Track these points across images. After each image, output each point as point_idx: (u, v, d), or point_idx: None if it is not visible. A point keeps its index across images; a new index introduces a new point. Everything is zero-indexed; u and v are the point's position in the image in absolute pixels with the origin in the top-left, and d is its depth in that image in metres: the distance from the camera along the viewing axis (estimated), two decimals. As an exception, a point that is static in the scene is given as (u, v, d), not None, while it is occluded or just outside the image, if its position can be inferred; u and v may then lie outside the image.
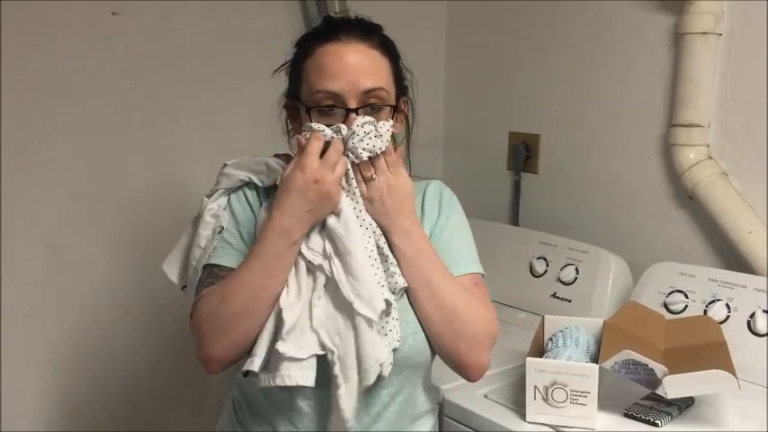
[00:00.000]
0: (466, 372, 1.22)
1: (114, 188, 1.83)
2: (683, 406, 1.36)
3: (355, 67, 1.16)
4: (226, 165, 1.29)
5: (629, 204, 1.96)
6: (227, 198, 1.26)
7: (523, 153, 2.18)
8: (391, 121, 1.19)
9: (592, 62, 2.01)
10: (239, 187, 1.26)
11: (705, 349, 1.37)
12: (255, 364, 1.10)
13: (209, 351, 1.14)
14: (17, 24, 1.64)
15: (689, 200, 1.81)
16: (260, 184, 1.26)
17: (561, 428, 1.30)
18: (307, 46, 1.19)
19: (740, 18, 1.70)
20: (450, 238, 1.28)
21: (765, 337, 1.51)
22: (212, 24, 1.90)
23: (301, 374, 1.10)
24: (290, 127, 1.29)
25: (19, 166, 1.69)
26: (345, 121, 1.16)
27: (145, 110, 1.83)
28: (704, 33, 1.72)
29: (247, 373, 1.12)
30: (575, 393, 1.29)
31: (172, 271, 1.31)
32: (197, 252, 1.24)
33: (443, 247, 1.25)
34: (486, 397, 1.44)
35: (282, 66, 1.25)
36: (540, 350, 1.46)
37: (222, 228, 1.23)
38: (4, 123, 1.66)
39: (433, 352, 1.22)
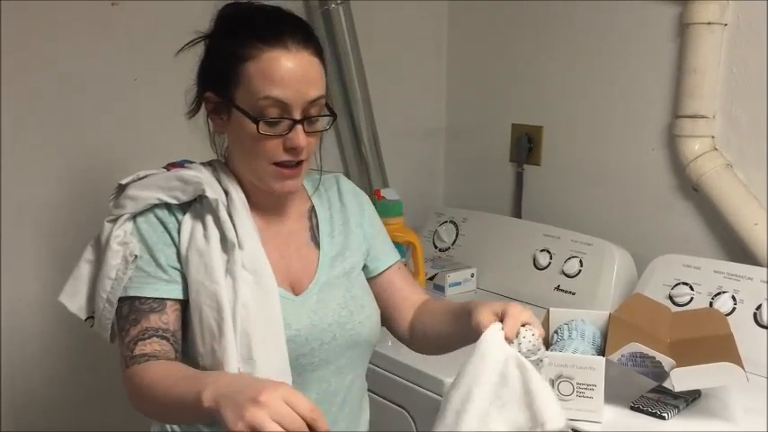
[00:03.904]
0: None
1: (115, 180, 1.81)
2: (690, 399, 1.35)
3: (303, 76, 1.13)
4: (122, 185, 1.20)
5: (633, 196, 1.95)
6: (132, 222, 1.17)
7: (526, 145, 2.17)
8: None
9: (595, 53, 1.99)
10: (146, 209, 1.17)
11: (712, 342, 1.36)
12: None
13: (142, 412, 1.13)
14: (16, 15, 1.62)
15: (694, 191, 1.80)
16: (175, 202, 1.17)
17: (567, 421, 1.29)
18: (249, 46, 1.13)
19: (745, 8, 1.69)
20: (379, 230, 1.37)
21: (772, 330, 1.51)
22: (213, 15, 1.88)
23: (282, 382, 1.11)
24: (209, 118, 1.20)
25: (16, 158, 1.68)
26: (290, 132, 1.13)
27: (146, 101, 1.82)
28: (709, 24, 1.71)
29: None
30: (581, 386, 1.28)
31: (72, 303, 1.21)
32: (107, 283, 1.14)
33: (377, 239, 1.35)
34: (490, 390, 1.43)
35: (193, 42, 1.21)
36: (545, 343, 1.45)
37: (135, 256, 1.14)
38: (2, 115, 1.65)
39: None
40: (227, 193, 1.19)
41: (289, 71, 1.11)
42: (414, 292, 1.36)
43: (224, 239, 1.15)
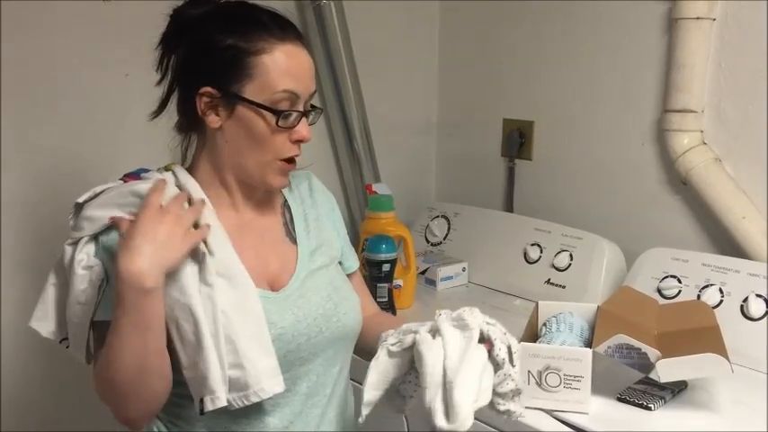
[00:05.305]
0: None
1: (108, 177, 1.81)
2: (676, 390, 1.36)
3: (308, 70, 1.17)
4: (79, 204, 1.17)
5: (622, 190, 1.96)
6: (93, 244, 1.14)
7: (517, 140, 2.18)
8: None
9: (585, 48, 2.00)
10: (106, 228, 1.13)
11: (698, 333, 1.38)
12: (222, 399, 1.07)
13: (127, 415, 1.11)
14: (7, 10, 1.62)
15: (683, 185, 1.81)
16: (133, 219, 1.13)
17: (555, 412, 1.30)
18: (259, 40, 1.13)
19: (733, 3, 1.70)
20: (345, 233, 1.38)
21: (758, 322, 1.52)
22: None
23: (274, 382, 1.11)
24: (203, 115, 1.16)
25: (8, 156, 1.68)
26: (298, 125, 1.16)
27: (137, 96, 1.82)
28: (698, 18, 1.71)
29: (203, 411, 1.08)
30: (568, 378, 1.29)
31: (43, 328, 1.18)
32: (77, 309, 1.12)
33: (345, 241, 1.37)
34: (480, 382, 1.44)
35: (169, 40, 1.19)
36: (533, 335, 1.46)
37: (103, 280, 1.12)
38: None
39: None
40: (190, 200, 1.16)
41: (300, 65, 1.15)
42: (369, 302, 1.41)
43: (193, 249, 1.11)
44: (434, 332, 1.05)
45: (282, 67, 1.13)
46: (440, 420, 0.98)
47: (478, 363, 1.01)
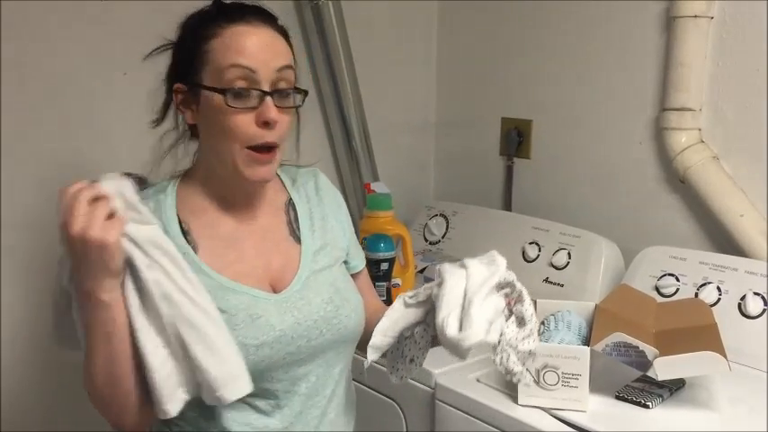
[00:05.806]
0: None
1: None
2: (674, 388, 1.37)
3: (267, 46, 1.12)
4: None
5: (621, 189, 1.96)
6: None
7: (516, 138, 2.18)
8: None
9: (584, 47, 2.00)
10: None
11: (696, 332, 1.38)
12: (165, 413, 1.06)
13: (116, 421, 1.12)
14: (7, 10, 1.62)
15: (681, 184, 1.81)
16: None
17: (553, 411, 1.31)
18: (209, 27, 1.12)
19: (732, 1, 1.70)
20: (353, 232, 1.36)
21: (756, 320, 1.52)
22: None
23: (232, 388, 1.08)
24: (180, 113, 1.19)
25: (8, 156, 1.68)
26: (260, 105, 1.11)
27: (137, 96, 1.82)
28: (696, 17, 1.72)
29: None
30: (566, 376, 1.29)
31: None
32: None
33: (352, 240, 1.35)
34: (478, 381, 1.45)
35: (161, 48, 1.20)
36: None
37: None
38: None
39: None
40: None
41: (253, 41, 1.11)
42: (375, 299, 1.41)
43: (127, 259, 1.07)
44: (460, 266, 1.11)
45: (231, 46, 1.10)
46: (451, 330, 1.03)
47: (497, 301, 1.07)
